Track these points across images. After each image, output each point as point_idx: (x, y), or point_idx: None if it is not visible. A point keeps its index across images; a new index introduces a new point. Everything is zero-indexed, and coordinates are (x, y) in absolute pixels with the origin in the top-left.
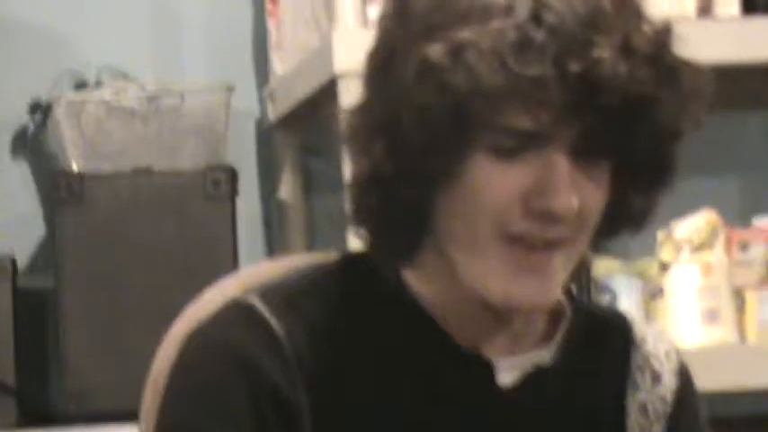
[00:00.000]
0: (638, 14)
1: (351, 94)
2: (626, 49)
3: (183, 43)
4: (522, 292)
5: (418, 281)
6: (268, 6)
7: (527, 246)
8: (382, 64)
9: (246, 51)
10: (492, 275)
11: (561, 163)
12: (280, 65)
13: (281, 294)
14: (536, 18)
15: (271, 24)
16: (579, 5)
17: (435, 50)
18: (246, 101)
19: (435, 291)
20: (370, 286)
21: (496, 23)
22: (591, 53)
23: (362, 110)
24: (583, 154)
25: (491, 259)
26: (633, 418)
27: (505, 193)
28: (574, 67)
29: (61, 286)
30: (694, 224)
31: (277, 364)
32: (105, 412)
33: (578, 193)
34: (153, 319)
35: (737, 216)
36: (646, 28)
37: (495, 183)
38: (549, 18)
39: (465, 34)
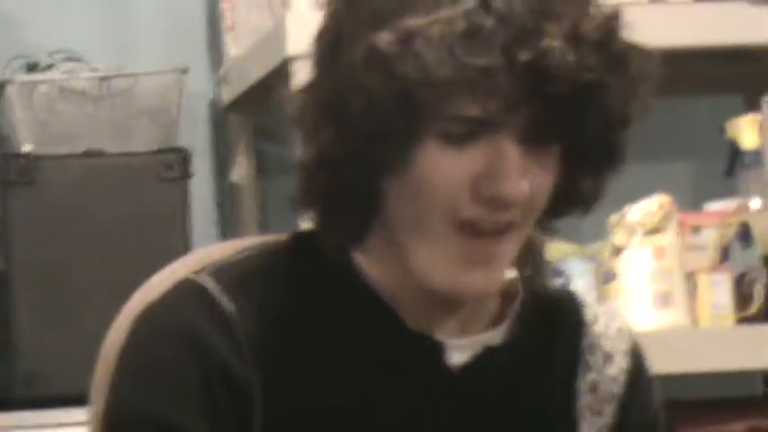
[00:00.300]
0: (586, 1)
1: (304, 77)
2: (574, 37)
3: (137, 26)
4: (468, 281)
5: (368, 263)
6: None
7: (476, 232)
8: (330, 47)
9: (200, 33)
10: (440, 263)
11: (511, 149)
12: (233, 47)
13: (232, 273)
14: (485, 5)
15: (224, 6)
16: None
17: (383, 38)
18: (200, 83)
19: (385, 273)
20: (321, 267)
21: (445, 11)
22: (540, 42)
23: (311, 91)
24: (532, 140)
25: (439, 246)
26: (584, 400)
27: (456, 179)
28: (523, 55)
29: (13, 268)
30: (647, 208)
31: (227, 342)
32: (57, 395)
33: (528, 177)
34: (105, 302)
35: (689, 201)
36: (594, 14)
37: (445, 169)
38: (498, 5)
39: (413, 22)
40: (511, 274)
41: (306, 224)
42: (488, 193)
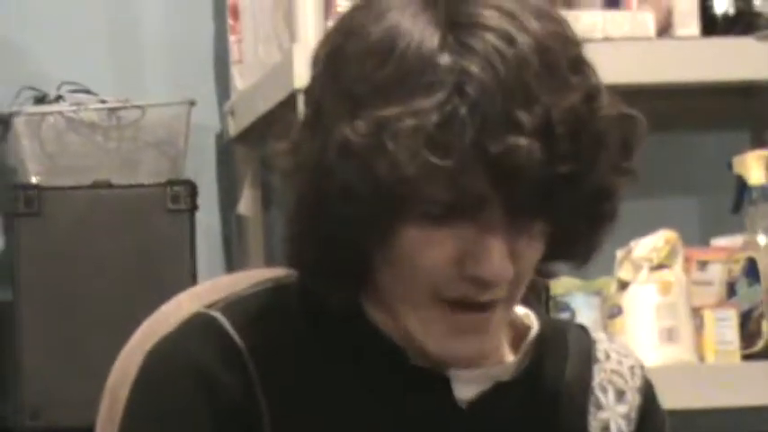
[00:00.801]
0: (564, 77)
1: None
2: (546, 128)
3: (145, 58)
4: (459, 350)
5: (372, 304)
6: (229, 22)
7: (464, 307)
8: (312, 113)
9: (208, 66)
10: (429, 335)
11: (492, 229)
12: (240, 80)
13: (244, 310)
14: (459, 91)
15: (232, 40)
16: (503, 75)
17: (357, 130)
18: (207, 115)
19: (387, 316)
20: (328, 306)
21: (419, 101)
22: (508, 137)
23: (293, 155)
24: (514, 217)
25: (428, 320)
26: None
27: (439, 260)
28: (492, 149)
29: (19, 299)
30: (653, 243)
31: (239, 380)
32: (62, 426)
33: (513, 253)
34: (111, 333)
35: (696, 237)
36: (571, 93)
37: (426, 249)
38: (472, 90)
39: (387, 112)
40: (522, 309)
41: None
42: (472, 274)
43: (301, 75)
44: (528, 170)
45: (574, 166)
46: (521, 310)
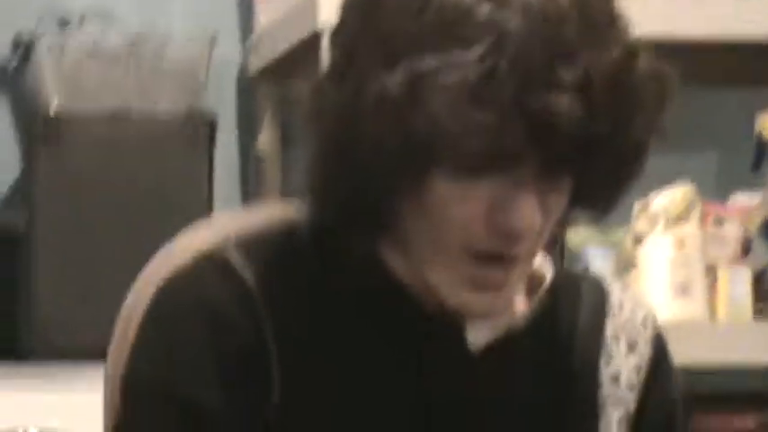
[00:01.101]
0: (603, 32)
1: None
2: (586, 84)
3: None
4: (476, 305)
5: (389, 249)
6: None
7: (489, 259)
8: (343, 61)
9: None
10: (449, 286)
11: (526, 182)
12: (264, 15)
13: (258, 251)
14: (499, 46)
15: None
16: (543, 29)
17: (393, 82)
18: (229, 49)
19: (406, 264)
20: (344, 249)
21: (458, 54)
22: (549, 94)
23: (317, 98)
24: (547, 173)
25: (451, 271)
26: (606, 390)
27: (469, 213)
28: (533, 105)
29: (35, 226)
30: (671, 197)
31: (250, 323)
32: (74, 350)
33: (542, 207)
34: (125, 262)
35: (715, 192)
36: (612, 49)
37: (457, 202)
38: (513, 44)
39: (425, 64)
40: (539, 259)
41: None
42: (502, 227)
43: (325, 14)
44: (566, 127)
45: (611, 123)
46: (536, 260)
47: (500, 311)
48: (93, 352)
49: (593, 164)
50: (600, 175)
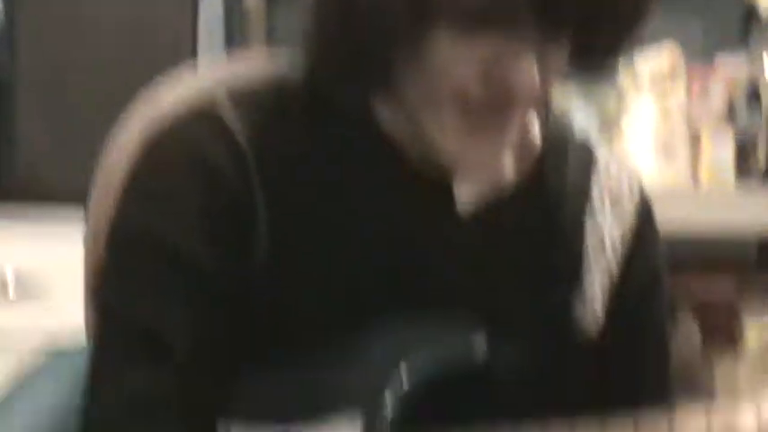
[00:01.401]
0: None
1: None
2: None
3: None
4: (474, 157)
5: (383, 107)
6: None
7: (484, 111)
8: None
9: None
10: (447, 134)
11: (524, 41)
12: None
13: (248, 102)
14: None
15: None
16: None
17: None
18: None
19: (400, 122)
20: (335, 105)
21: None
22: None
23: None
24: (546, 32)
25: (449, 120)
26: (590, 250)
27: (467, 70)
28: None
29: (17, 68)
30: (656, 56)
31: (239, 176)
32: (55, 192)
33: (540, 68)
34: (107, 104)
35: (700, 53)
36: None
37: (456, 59)
38: None
39: None
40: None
41: None
42: (500, 85)
43: None
44: None
45: None
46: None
47: (492, 170)
48: (74, 195)
49: (592, 24)
50: (599, 37)
